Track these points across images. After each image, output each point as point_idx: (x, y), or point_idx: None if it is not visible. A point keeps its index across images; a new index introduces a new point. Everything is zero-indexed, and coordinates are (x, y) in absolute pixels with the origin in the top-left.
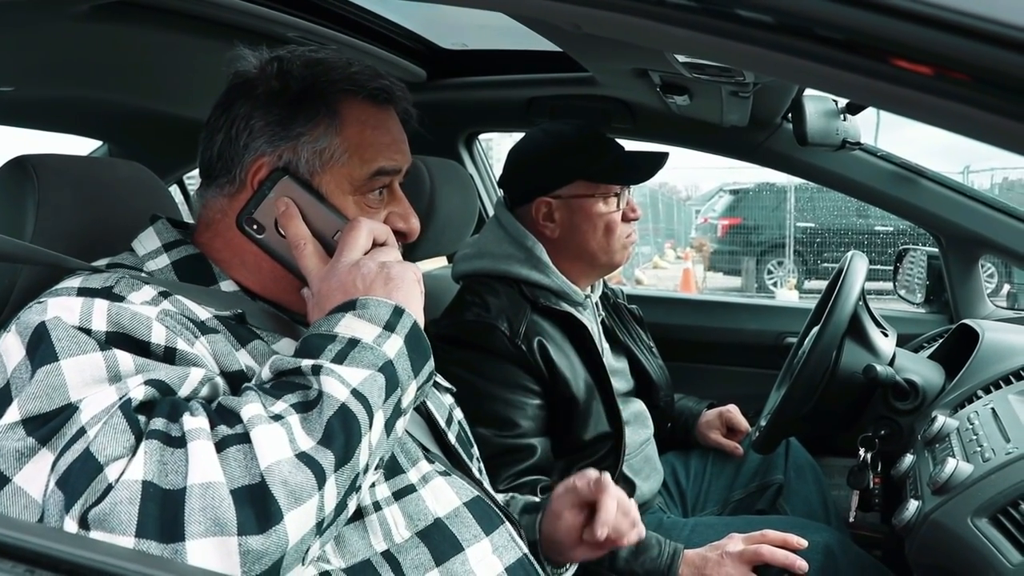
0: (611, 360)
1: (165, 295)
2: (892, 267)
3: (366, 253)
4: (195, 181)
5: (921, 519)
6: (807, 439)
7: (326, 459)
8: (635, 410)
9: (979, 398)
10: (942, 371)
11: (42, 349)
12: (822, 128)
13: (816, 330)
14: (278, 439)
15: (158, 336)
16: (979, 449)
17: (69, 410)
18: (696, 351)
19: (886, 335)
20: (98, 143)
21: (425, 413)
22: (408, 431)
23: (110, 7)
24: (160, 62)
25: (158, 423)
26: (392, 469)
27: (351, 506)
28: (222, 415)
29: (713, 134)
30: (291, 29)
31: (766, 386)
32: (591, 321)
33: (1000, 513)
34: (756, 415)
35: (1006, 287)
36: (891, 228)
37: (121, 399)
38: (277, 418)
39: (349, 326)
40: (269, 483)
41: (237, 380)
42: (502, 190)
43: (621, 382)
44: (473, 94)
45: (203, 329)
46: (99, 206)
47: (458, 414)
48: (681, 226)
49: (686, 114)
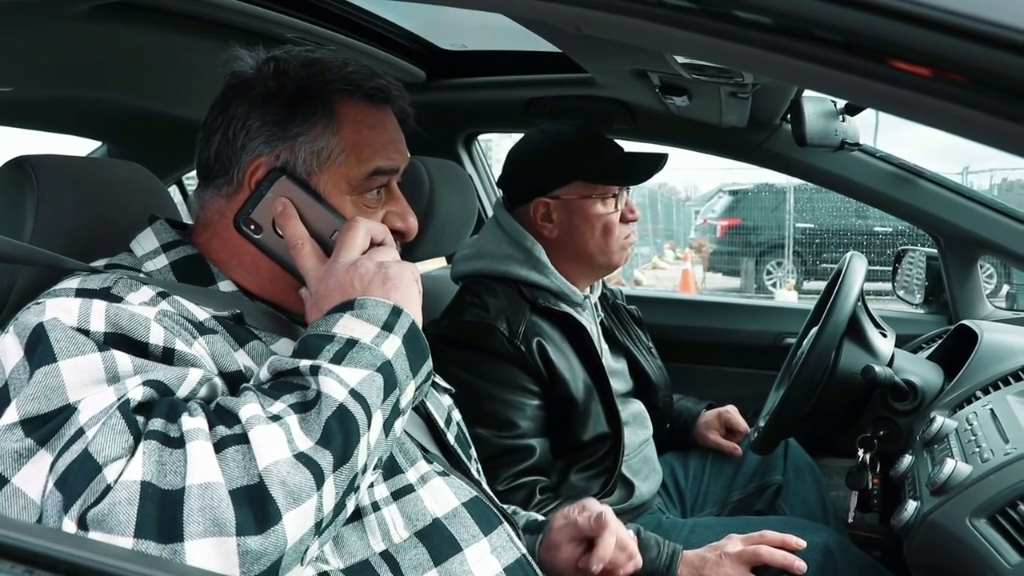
0: (610, 361)
1: (163, 296)
2: (891, 268)
3: (364, 253)
4: (194, 181)
5: (920, 520)
6: (806, 440)
7: (324, 459)
8: (634, 411)
9: (978, 399)
10: (941, 372)
11: (40, 350)
12: (821, 129)
13: (815, 331)
14: (276, 440)
15: (156, 337)
16: (978, 450)
17: (67, 411)
18: (695, 352)
19: (885, 336)
20: (97, 144)
21: (424, 413)
22: (407, 431)
23: (109, 8)
24: (159, 62)
25: (156, 424)
26: (391, 469)
27: (350, 506)
28: (220, 416)
29: (712, 135)
30: (290, 30)
31: (765, 387)
32: (590, 322)
33: (998, 514)
34: (755, 416)
35: (1005, 288)
36: (890, 229)
37: (119, 400)
38: (275, 418)
39: (347, 326)
40: (267, 483)
41: (235, 380)
42: (501, 191)
43: (620, 383)
44: (472, 95)
45: (201, 329)
46: (98, 206)
47: (457, 415)
48: (680, 227)
49: (685, 115)
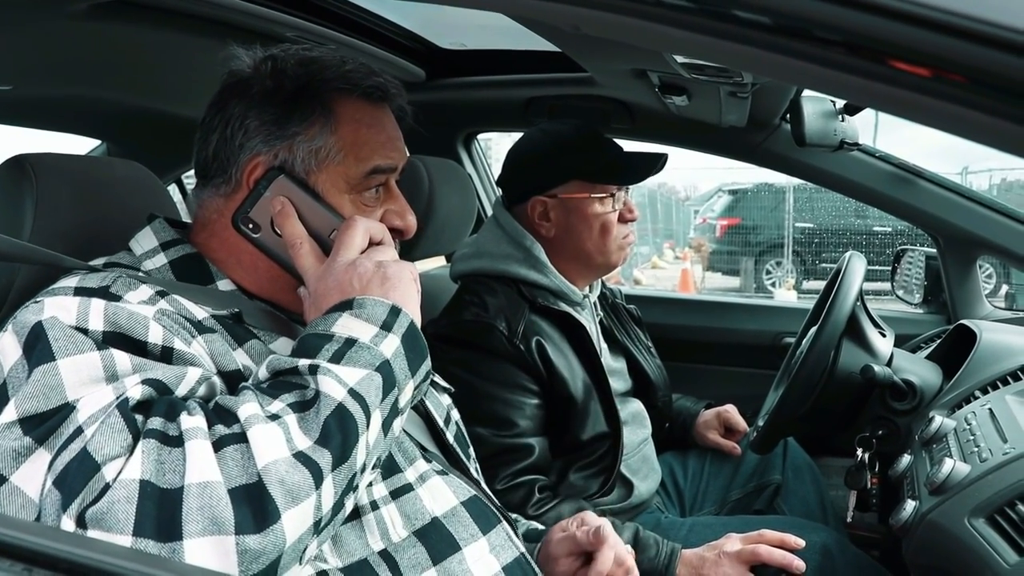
0: (609, 360)
1: (162, 294)
2: (890, 267)
3: (362, 252)
4: (193, 180)
5: (918, 519)
6: (805, 439)
7: (323, 459)
8: (633, 410)
9: (976, 398)
10: (940, 371)
11: (39, 349)
12: (820, 129)
13: (814, 330)
14: (275, 439)
15: (155, 336)
16: (976, 449)
17: (66, 409)
18: (694, 351)
19: (884, 335)
20: (96, 142)
21: (423, 412)
22: (406, 430)
23: (108, 6)
24: (159, 61)
25: (155, 422)
26: (389, 468)
27: (348, 505)
28: (219, 414)
29: (712, 134)
30: (289, 28)
31: (764, 386)
32: (589, 321)
33: (997, 513)
34: (754, 415)
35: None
36: (889, 229)
37: (118, 398)
38: (274, 418)
39: (346, 326)
40: (266, 482)
41: (234, 379)
42: (500, 190)
43: (619, 382)
44: (472, 94)
45: (200, 328)
46: (97, 205)
47: (455, 414)
48: (680, 226)
49: (685, 114)
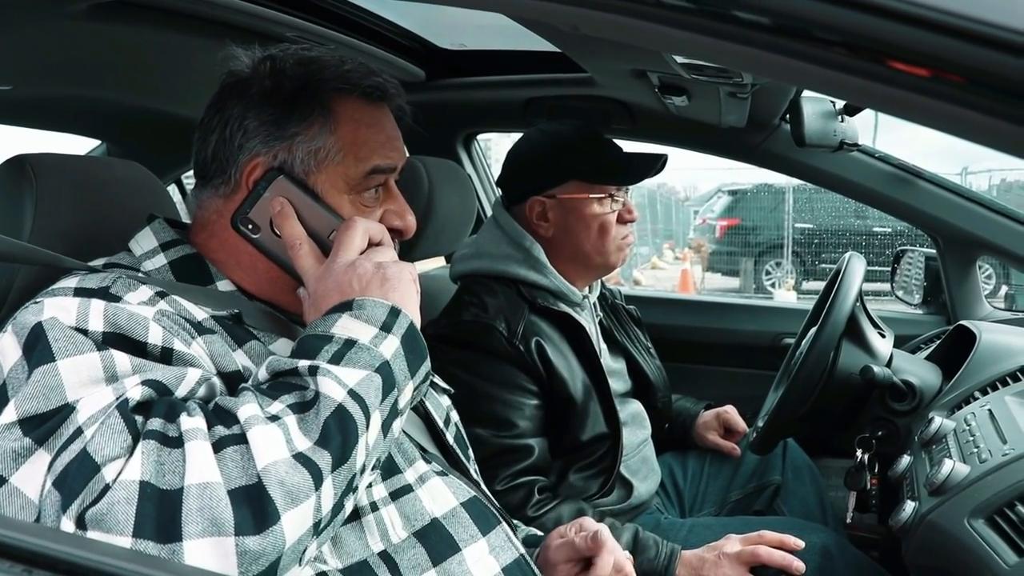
0: (609, 361)
1: (162, 295)
2: (890, 268)
3: (362, 253)
4: (193, 180)
5: (918, 520)
6: (804, 440)
7: (323, 460)
8: (633, 411)
9: (976, 399)
10: (939, 372)
11: (39, 349)
12: (820, 129)
13: (813, 331)
14: (275, 440)
15: (155, 336)
16: (976, 450)
17: (66, 410)
18: (694, 352)
19: (883, 336)
20: (96, 142)
21: (423, 413)
22: (406, 431)
23: (108, 6)
24: (158, 61)
25: (155, 423)
26: (389, 469)
27: (348, 506)
28: (219, 416)
29: (711, 135)
30: (289, 29)
31: (764, 387)
32: (589, 322)
33: (996, 514)
34: (753, 416)
35: (1003, 288)
36: (889, 229)
37: (118, 399)
38: (274, 419)
39: (346, 327)
40: (266, 484)
41: (234, 380)
42: (500, 190)
43: (619, 383)
44: (471, 94)
45: (200, 329)
46: (97, 205)
47: (455, 415)
48: (679, 227)
49: (684, 115)
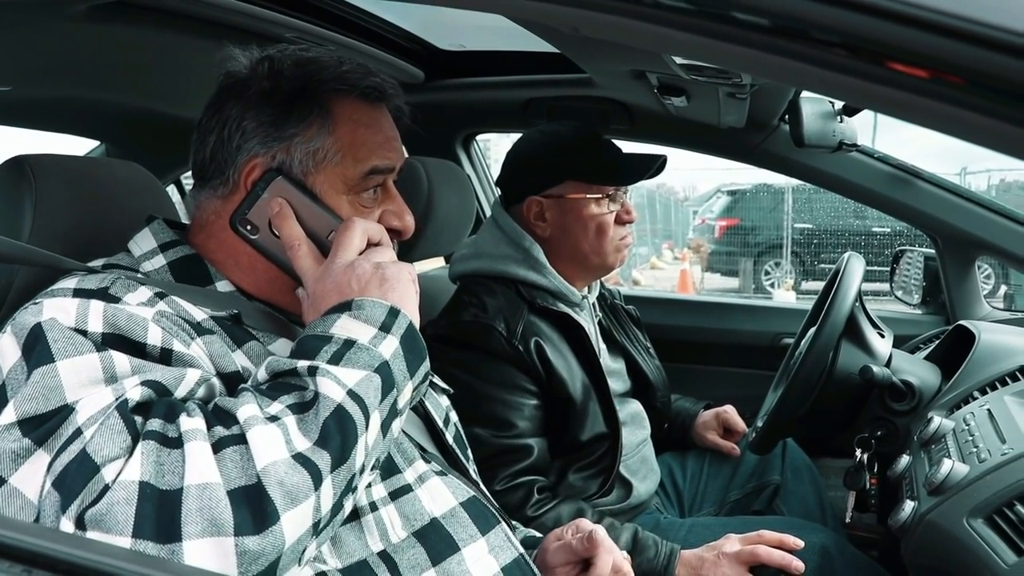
0: (608, 361)
1: (161, 296)
2: (889, 268)
3: (361, 253)
4: (192, 181)
5: (917, 520)
6: (804, 440)
7: (322, 460)
8: (632, 411)
9: (975, 399)
10: (938, 372)
11: (38, 350)
12: (819, 130)
13: (813, 331)
14: (274, 440)
15: (154, 337)
16: (975, 450)
17: (65, 411)
18: (693, 352)
19: (883, 336)
20: (95, 143)
21: (423, 413)
22: (405, 431)
23: (108, 7)
24: (158, 62)
25: (155, 424)
26: (388, 469)
27: (347, 506)
28: (218, 416)
29: (710, 135)
30: (289, 30)
31: (763, 387)
32: (588, 322)
33: (995, 514)
34: (753, 416)
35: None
36: (888, 229)
37: (117, 400)
38: (273, 419)
39: (345, 327)
40: (265, 484)
41: (233, 381)
42: (499, 190)
43: (618, 383)
44: (471, 95)
45: (199, 330)
46: (96, 206)
47: (454, 415)
48: (679, 227)
49: (684, 115)
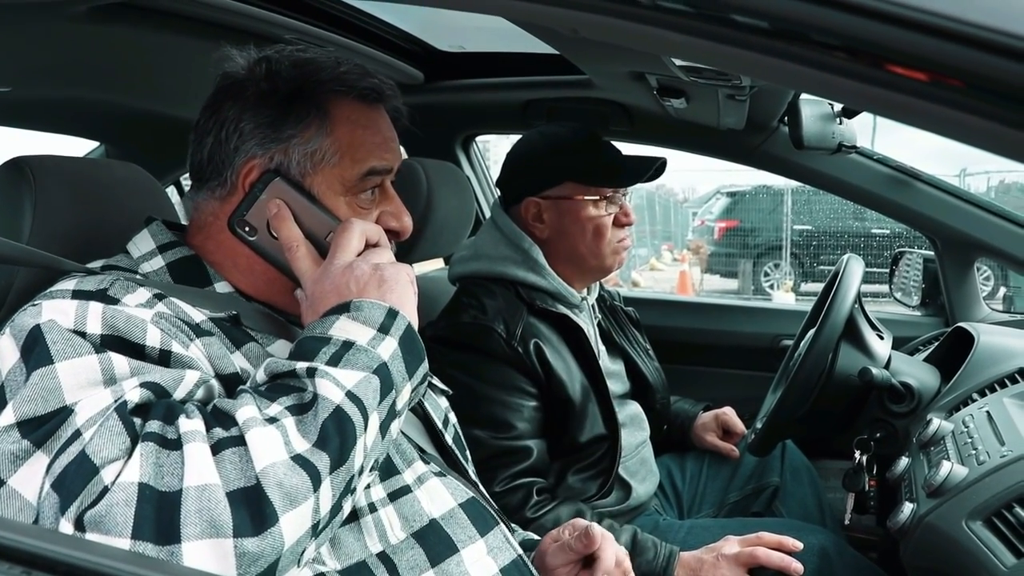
0: (607, 362)
1: (160, 297)
2: (888, 270)
3: (359, 254)
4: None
5: (916, 522)
6: (803, 442)
7: (321, 461)
8: (631, 412)
9: (974, 401)
10: (937, 374)
11: (37, 352)
12: (818, 131)
13: (812, 333)
14: (273, 441)
15: (153, 339)
16: (974, 452)
17: (64, 413)
18: (692, 353)
19: (882, 338)
20: (95, 144)
21: (422, 414)
22: (404, 432)
23: (107, 8)
24: (157, 63)
25: (154, 425)
26: (387, 470)
27: (346, 508)
28: (217, 418)
29: (710, 137)
30: (288, 31)
31: (762, 389)
32: (587, 323)
33: (995, 516)
34: (752, 418)
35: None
36: (887, 231)
37: (116, 402)
38: (272, 421)
39: (343, 328)
40: (264, 485)
41: (232, 382)
42: (499, 191)
43: (617, 384)
44: (470, 96)
45: (198, 331)
46: (95, 207)
47: (453, 417)
48: (678, 228)
49: (683, 117)
